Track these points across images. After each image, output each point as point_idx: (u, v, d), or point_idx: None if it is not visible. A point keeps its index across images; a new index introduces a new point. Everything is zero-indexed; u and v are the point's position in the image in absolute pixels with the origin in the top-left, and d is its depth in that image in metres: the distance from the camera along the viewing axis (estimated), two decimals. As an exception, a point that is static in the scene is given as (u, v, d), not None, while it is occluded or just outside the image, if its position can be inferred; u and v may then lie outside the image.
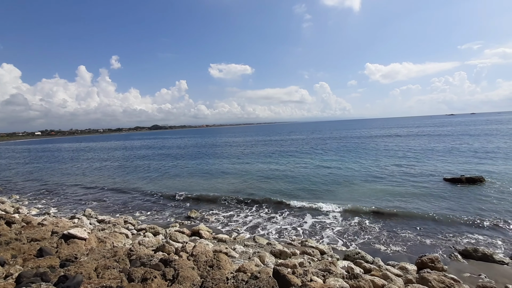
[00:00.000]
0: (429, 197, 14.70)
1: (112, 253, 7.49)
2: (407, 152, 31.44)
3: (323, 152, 36.74)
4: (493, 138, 41.29)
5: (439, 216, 12.10)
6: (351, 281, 5.91)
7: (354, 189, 17.07)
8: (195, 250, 7.40)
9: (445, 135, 52.79)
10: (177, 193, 18.56)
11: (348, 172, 22.32)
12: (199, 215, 13.84)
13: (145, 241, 9.24)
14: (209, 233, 10.85)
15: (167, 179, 23.88)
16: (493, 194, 14.51)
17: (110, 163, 37.55)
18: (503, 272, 7.67)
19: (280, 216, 13.26)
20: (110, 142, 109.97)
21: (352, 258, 8.52)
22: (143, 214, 14.55)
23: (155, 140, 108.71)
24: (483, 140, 38.80)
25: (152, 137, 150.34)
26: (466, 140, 40.39)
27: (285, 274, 5.48)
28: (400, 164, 24.20)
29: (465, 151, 30.18)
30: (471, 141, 39.17)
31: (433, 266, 7.75)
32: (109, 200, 17.76)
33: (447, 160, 24.94)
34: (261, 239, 10.25)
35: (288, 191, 17.63)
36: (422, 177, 18.99)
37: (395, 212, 12.85)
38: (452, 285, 6.47)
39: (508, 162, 22.04)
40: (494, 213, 11.97)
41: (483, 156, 25.70)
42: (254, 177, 22.46)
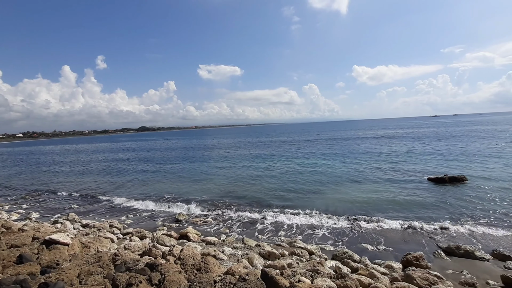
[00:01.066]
0: (414, 196, 15.07)
1: (96, 259, 7.27)
2: (392, 153, 32.19)
3: (310, 154, 37.09)
4: (474, 138, 42.92)
5: (423, 215, 12.43)
6: (338, 281, 5.97)
7: (340, 190, 17.28)
8: (183, 253, 7.29)
9: (429, 136, 54.38)
10: (165, 196, 18.31)
11: (335, 173, 22.60)
12: (187, 217, 13.67)
13: (131, 245, 9.03)
14: (197, 236, 10.73)
15: (155, 182, 23.48)
16: (474, 193, 15.02)
17: (95, 166, 36.61)
18: (484, 268, 7.93)
19: (269, 217, 13.25)
20: (96, 144, 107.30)
21: (340, 258, 8.61)
22: (129, 218, 14.22)
23: (143, 142, 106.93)
24: (465, 141, 40.28)
25: (140, 139, 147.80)
26: (449, 141, 41.83)
27: (273, 276, 5.47)
28: (385, 165, 24.73)
29: (448, 151, 31.22)
30: (454, 141, 40.58)
31: (418, 264, 7.94)
32: (94, 204, 17.30)
33: (430, 160, 25.69)
34: (250, 240, 10.22)
35: (276, 193, 17.67)
36: (407, 177, 19.47)
37: (381, 212, 13.10)
38: (436, 282, 6.63)
39: (488, 162, 22.90)
40: (476, 212, 12.39)
41: (465, 156, 26.63)
42: (243, 179, 22.40)
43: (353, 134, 74.21)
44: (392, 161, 26.14)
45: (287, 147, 47.50)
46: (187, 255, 7.08)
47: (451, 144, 37.62)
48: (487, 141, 37.56)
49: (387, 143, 44.15)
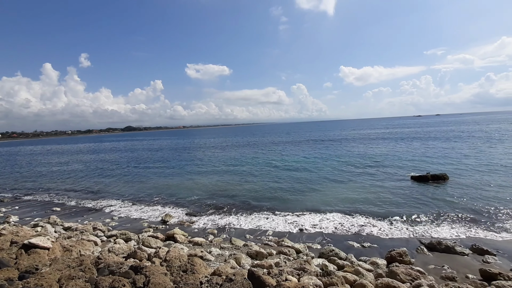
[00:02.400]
0: (398, 194, 15.46)
1: (78, 262, 7.05)
2: (377, 152, 32.98)
3: (297, 154, 37.45)
4: (455, 138, 44.55)
5: (407, 212, 12.76)
6: (324, 279, 6.03)
7: (327, 190, 17.52)
8: (169, 255, 7.18)
9: (412, 135, 56.05)
10: (151, 197, 18.01)
11: (321, 173, 22.89)
12: (174, 218, 13.49)
13: (116, 248, 8.82)
14: (184, 237, 10.60)
15: (141, 183, 23.04)
16: (455, 190, 15.57)
17: (78, 167, 35.53)
18: (464, 262, 8.22)
19: (257, 217, 13.26)
20: (79, 144, 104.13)
21: (327, 256, 8.71)
22: (114, 220, 13.89)
23: (129, 142, 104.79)
24: (446, 140, 41.79)
25: (126, 139, 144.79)
26: (431, 140, 43.28)
27: (260, 275, 5.47)
28: (370, 164, 25.28)
29: (430, 150, 32.30)
30: (436, 141, 42.00)
31: (401, 260, 8.14)
32: (77, 206, 16.79)
33: (413, 159, 26.49)
34: (238, 240, 10.19)
35: (264, 192, 17.70)
36: (391, 176, 19.98)
37: (367, 210, 13.36)
38: (418, 277, 6.82)
39: (468, 160, 23.84)
40: (456, 208, 12.84)
41: (446, 155, 27.60)
42: (231, 179, 22.33)
43: (340, 134, 75.42)
44: (377, 160, 26.74)
45: (275, 147, 47.73)
46: (173, 257, 6.97)
47: (433, 143, 38.93)
48: (467, 141, 39.09)
49: (372, 143, 45.14)
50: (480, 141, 36.83)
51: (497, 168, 19.78)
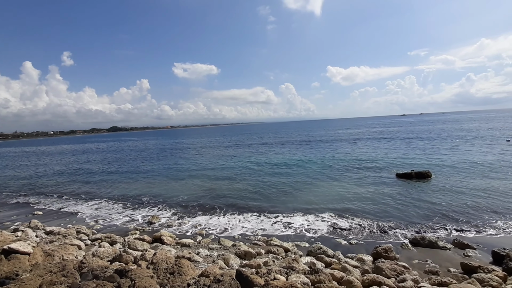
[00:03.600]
0: (384, 192, 15.82)
1: (60, 267, 6.82)
2: (364, 151, 33.67)
3: (285, 154, 37.67)
4: (438, 136, 46.07)
5: (392, 208, 13.07)
6: (312, 276, 6.09)
7: (315, 189, 17.70)
8: (156, 257, 7.05)
9: (397, 134, 57.52)
10: (138, 198, 17.66)
11: (309, 172, 23.13)
12: (162, 220, 13.27)
13: (100, 251, 8.60)
14: (172, 239, 10.45)
15: (127, 184, 22.56)
16: (438, 186, 16.09)
17: (60, 169, 34.36)
18: (446, 257, 8.49)
19: (246, 217, 13.25)
20: (62, 145, 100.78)
21: (315, 254, 8.80)
22: (99, 222, 13.52)
23: (114, 142, 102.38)
24: (430, 138, 43.23)
25: (111, 139, 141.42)
26: (415, 139, 44.59)
27: (248, 275, 5.46)
28: (357, 162, 25.77)
29: (414, 148, 33.30)
30: (420, 139, 43.33)
31: (387, 256, 8.32)
32: (60, 209, 16.23)
33: (399, 157, 27.18)
34: (226, 241, 10.14)
35: (253, 192, 17.69)
36: (377, 174, 20.43)
37: (354, 207, 13.59)
38: (403, 272, 6.99)
39: (450, 157, 24.70)
40: (439, 204, 13.26)
41: (429, 153, 28.51)
42: (219, 180, 22.19)
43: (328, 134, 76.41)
44: (363, 159, 27.25)
45: (263, 148, 47.84)
46: (160, 259, 6.86)
47: (417, 141, 40.13)
48: (449, 139, 40.56)
49: (358, 142, 46.01)
50: (460, 140, 38.31)
51: (476, 166, 20.58)
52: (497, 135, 40.45)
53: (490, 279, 6.35)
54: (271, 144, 51.91)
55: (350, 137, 57.39)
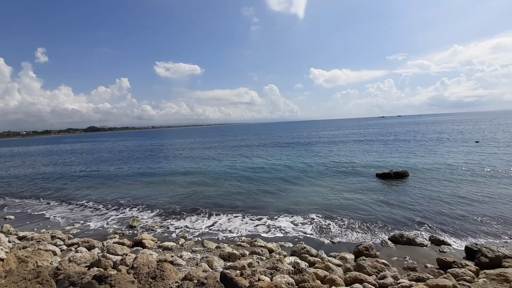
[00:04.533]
0: (365, 191, 16.28)
1: (35, 274, 6.44)
2: (345, 152, 34.51)
3: (268, 155, 37.87)
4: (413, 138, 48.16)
5: (373, 207, 13.46)
6: (296, 276, 6.13)
7: (298, 189, 17.90)
8: (136, 262, 6.83)
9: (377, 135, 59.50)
10: (116, 201, 17.08)
11: (292, 173, 23.37)
12: (142, 223, 12.89)
13: (77, 257, 8.21)
14: (153, 242, 10.17)
15: (106, 186, 21.75)
16: (415, 185, 16.79)
17: (33, 171, 32.56)
18: (423, 253, 8.84)
19: (230, 218, 13.15)
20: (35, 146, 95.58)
21: (299, 254, 8.87)
22: (75, 227, 12.93)
23: (92, 143, 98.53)
24: (407, 139, 45.16)
25: (88, 140, 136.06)
26: (393, 140, 46.35)
27: (233, 277, 5.40)
28: (339, 163, 26.37)
29: (393, 148, 34.64)
30: (398, 140, 45.11)
31: (368, 254, 8.54)
32: (33, 213, 15.37)
33: (378, 157, 28.16)
34: (210, 243, 10.01)
35: (236, 194, 17.62)
36: (358, 174, 21.00)
37: (336, 207, 13.87)
38: (383, 269, 7.20)
39: (425, 158, 25.89)
40: (416, 202, 13.82)
41: (407, 153, 29.74)
42: (202, 181, 21.90)
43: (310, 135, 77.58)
44: (344, 160, 27.95)
45: (247, 149, 47.83)
46: (141, 263, 6.65)
47: (396, 142, 41.77)
48: (424, 140, 42.50)
49: (340, 143, 47.12)
50: (434, 141, 40.25)
51: (448, 165, 21.68)
52: (467, 137, 42.91)
53: (464, 273, 6.67)
54: (254, 146, 51.98)
55: (332, 139, 58.59)
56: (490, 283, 6.05)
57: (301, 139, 59.61)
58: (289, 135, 78.19)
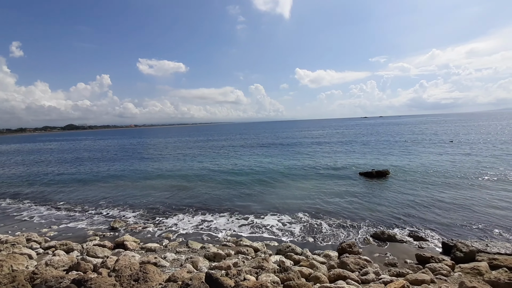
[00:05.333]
0: (348, 189, 16.66)
1: (10, 279, 6.11)
2: (330, 151, 35.16)
3: (253, 154, 37.93)
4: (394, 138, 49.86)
5: (356, 205, 13.81)
6: (282, 275, 6.17)
7: (283, 188, 18.06)
8: (118, 264, 6.64)
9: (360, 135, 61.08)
10: (96, 202, 16.52)
11: (277, 172, 23.50)
12: (124, 224, 12.53)
13: (55, 260, 7.87)
14: (136, 244, 9.92)
15: (84, 187, 20.94)
16: (395, 183, 17.38)
17: (7, 170, 30.87)
18: (403, 249, 9.16)
19: (214, 218, 13.05)
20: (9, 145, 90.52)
21: (284, 252, 8.94)
22: (52, 229, 12.38)
23: (70, 142, 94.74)
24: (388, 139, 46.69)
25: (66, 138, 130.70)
26: (375, 139, 47.83)
27: (218, 277, 5.36)
28: (323, 162, 26.82)
29: (374, 148, 35.67)
30: (379, 140, 46.54)
31: (351, 251, 8.75)
32: (7, 215, 14.57)
33: (362, 156, 28.95)
34: (195, 243, 9.89)
35: (221, 193, 17.53)
36: (343, 173, 21.47)
37: (321, 205, 14.10)
38: (365, 265, 7.40)
39: (404, 157, 26.86)
40: (396, 199, 14.29)
41: (388, 153, 30.70)
42: (186, 181, 21.58)
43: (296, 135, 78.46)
44: (329, 159, 28.51)
45: (233, 148, 47.69)
46: (123, 266, 6.46)
47: (377, 143, 43.08)
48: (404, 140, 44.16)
49: (325, 143, 48.01)
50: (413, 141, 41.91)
51: (425, 164, 22.65)
52: (443, 137, 45.06)
53: (441, 268, 6.97)
54: (239, 145, 51.88)
55: (317, 139, 59.50)
56: (464, 277, 6.35)
57: (286, 139, 60.12)
58: (274, 135, 78.62)
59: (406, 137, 49.61)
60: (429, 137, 47.19)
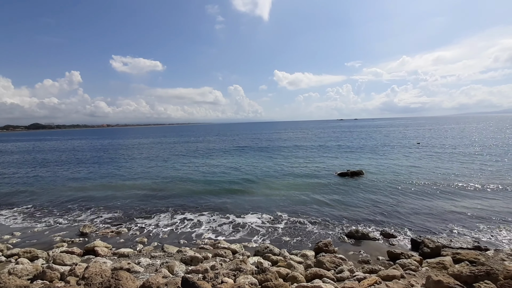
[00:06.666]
0: (325, 190, 17.08)
1: (-38, 294, 5.60)
2: (307, 153, 35.90)
3: (231, 154, 37.81)
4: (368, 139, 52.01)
5: (332, 205, 14.19)
6: (259, 276, 6.18)
7: (261, 189, 18.13)
8: (88, 271, 6.28)
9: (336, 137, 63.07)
10: (64, 206, 15.58)
11: (255, 173, 23.60)
12: (95, 229, 11.92)
13: (18, 269, 7.30)
14: (107, 249, 9.47)
15: (50, 190, 19.57)
16: (369, 183, 18.09)
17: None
18: (375, 247, 9.54)
19: (191, 220, 12.81)
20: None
21: (262, 253, 8.96)
22: (15, 235, 11.48)
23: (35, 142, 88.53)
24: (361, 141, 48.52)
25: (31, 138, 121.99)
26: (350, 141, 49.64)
27: (195, 281, 5.25)
28: (302, 163, 27.34)
29: (349, 149, 37.08)
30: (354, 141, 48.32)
31: (327, 250, 8.96)
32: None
33: (337, 157, 29.85)
34: (171, 247, 9.63)
35: (198, 194, 17.26)
36: (320, 173, 21.98)
37: (299, 205, 14.34)
38: (341, 263, 7.61)
39: (378, 157, 28.11)
40: (370, 198, 14.89)
41: (362, 153, 32.03)
42: (161, 182, 21.01)
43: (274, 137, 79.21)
44: (307, 160, 29.12)
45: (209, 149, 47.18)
46: (93, 273, 6.13)
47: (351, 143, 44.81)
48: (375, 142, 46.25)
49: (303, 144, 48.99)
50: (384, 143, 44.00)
51: (395, 164, 23.89)
52: (411, 139, 47.95)
53: (410, 263, 7.35)
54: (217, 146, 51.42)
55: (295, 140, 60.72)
56: (431, 271, 6.74)
57: (265, 141, 60.52)
58: (253, 136, 78.82)
59: (379, 139, 52.08)
60: (399, 139, 49.81)
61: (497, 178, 17.83)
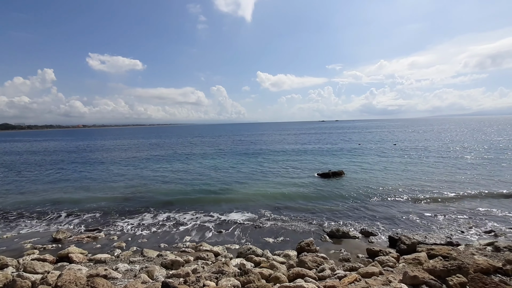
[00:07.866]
0: (307, 190, 17.33)
1: None
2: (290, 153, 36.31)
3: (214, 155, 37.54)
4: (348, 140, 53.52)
5: (314, 205, 14.41)
6: (242, 278, 6.13)
7: (243, 190, 18.10)
8: (61, 279, 5.96)
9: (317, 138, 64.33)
10: (34, 210, 14.72)
11: (237, 173, 23.59)
12: (69, 235, 11.34)
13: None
14: (82, 256, 9.04)
15: (20, 194, 18.43)
16: (349, 183, 18.58)
17: None
18: (355, 245, 9.78)
19: (172, 223, 12.53)
20: None
21: (245, 255, 8.91)
22: (-21, 244, 10.73)
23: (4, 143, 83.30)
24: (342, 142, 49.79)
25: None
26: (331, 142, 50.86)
27: (176, 286, 5.13)
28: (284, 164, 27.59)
29: (330, 149, 37.92)
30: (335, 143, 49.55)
31: (309, 249, 9.07)
32: None
33: (319, 158, 30.40)
34: (151, 251, 9.36)
35: (178, 195, 17.00)
36: (301, 174, 22.28)
37: (281, 206, 14.42)
38: (322, 262, 7.72)
39: (355, 158, 28.94)
40: (351, 198, 15.26)
41: (342, 154, 32.88)
42: (139, 184, 20.43)
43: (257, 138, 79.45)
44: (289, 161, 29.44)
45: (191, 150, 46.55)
46: (67, 281, 5.83)
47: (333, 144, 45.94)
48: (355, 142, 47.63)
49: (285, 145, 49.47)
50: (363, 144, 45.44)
51: (373, 164, 24.75)
52: (388, 140, 49.95)
53: (388, 260, 7.59)
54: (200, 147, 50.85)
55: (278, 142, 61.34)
56: (408, 267, 6.99)
57: (248, 143, 60.53)
58: (235, 137, 78.62)
59: (359, 140, 53.73)
60: (377, 140, 51.62)
61: (468, 178, 18.92)
